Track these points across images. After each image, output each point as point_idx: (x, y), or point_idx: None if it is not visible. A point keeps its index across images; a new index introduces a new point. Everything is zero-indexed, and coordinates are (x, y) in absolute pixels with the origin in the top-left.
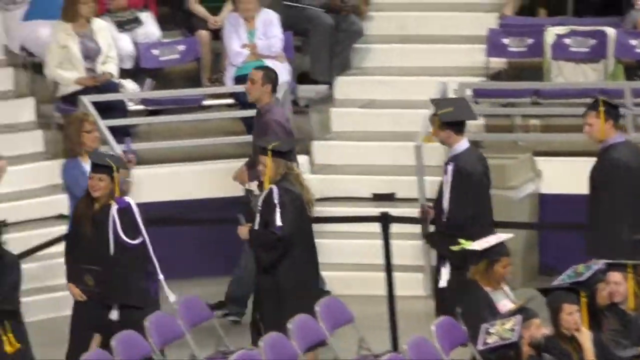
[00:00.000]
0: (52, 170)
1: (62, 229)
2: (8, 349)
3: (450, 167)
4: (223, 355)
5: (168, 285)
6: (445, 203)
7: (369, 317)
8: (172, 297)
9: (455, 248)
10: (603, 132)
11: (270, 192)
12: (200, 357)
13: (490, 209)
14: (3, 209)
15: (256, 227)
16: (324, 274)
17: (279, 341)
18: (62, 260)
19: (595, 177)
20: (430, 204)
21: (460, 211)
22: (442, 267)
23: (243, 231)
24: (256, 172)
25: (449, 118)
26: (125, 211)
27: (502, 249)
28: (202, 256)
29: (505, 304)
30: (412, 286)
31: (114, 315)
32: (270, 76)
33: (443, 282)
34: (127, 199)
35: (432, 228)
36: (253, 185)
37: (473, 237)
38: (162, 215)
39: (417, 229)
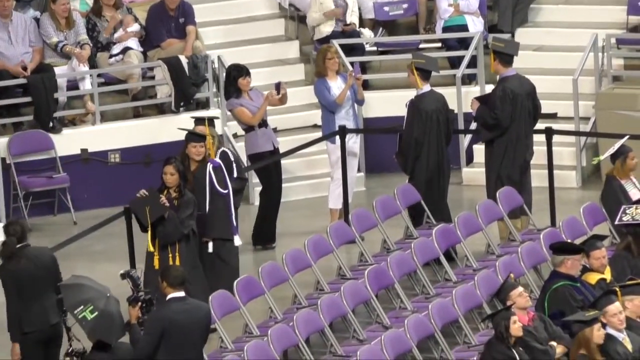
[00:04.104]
0: (309, 93)
1: (316, 134)
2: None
3: (408, 102)
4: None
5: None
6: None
7: (536, 203)
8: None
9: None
10: (493, 68)
11: (226, 153)
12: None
13: (442, 139)
14: (276, 119)
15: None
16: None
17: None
18: (317, 157)
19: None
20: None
21: (408, 135)
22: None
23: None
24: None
25: (420, 65)
26: (217, 169)
27: (625, 148)
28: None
29: (635, 192)
30: (567, 180)
31: (210, 248)
32: None
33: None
34: (217, 160)
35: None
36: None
37: (416, 157)
38: (387, 126)
39: (572, 139)
